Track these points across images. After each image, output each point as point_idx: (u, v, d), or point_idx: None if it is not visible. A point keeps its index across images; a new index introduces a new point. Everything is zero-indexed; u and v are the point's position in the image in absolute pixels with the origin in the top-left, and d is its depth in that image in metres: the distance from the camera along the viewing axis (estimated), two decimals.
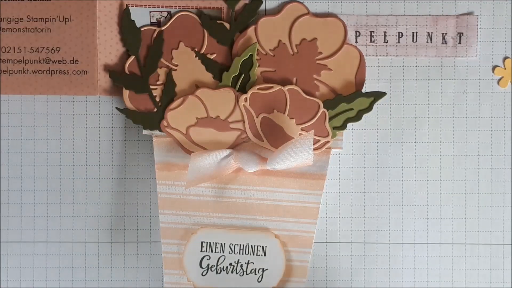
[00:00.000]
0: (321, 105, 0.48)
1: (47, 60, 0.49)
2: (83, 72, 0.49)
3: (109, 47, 0.50)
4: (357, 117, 0.49)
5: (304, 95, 0.48)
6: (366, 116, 0.49)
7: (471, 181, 0.51)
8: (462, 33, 0.50)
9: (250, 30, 0.49)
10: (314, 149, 0.48)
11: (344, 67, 0.49)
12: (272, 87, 0.48)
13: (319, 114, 0.48)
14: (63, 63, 0.49)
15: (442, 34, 0.50)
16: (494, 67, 0.50)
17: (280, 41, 0.49)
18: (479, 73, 0.50)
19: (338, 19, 0.49)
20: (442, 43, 0.50)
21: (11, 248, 0.51)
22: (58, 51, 0.49)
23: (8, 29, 0.49)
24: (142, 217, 0.51)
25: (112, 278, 0.51)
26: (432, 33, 0.50)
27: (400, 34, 0.50)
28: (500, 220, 0.51)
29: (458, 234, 0.51)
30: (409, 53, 0.50)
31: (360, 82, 0.49)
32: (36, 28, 0.49)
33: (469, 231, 0.51)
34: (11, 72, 0.49)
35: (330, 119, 0.49)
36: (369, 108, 0.49)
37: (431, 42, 0.50)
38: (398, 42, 0.50)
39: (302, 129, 0.48)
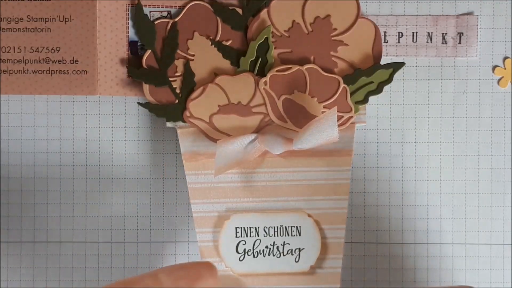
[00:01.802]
0: (341, 81, 0.48)
1: (47, 60, 0.49)
2: (83, 72, 0.49)
3: (109, 47, 0.50)
4: (378, 90, 0.49)
5: (323, 72, 0.48)
6: (366, 116, 0.50)
7: (471, 181, 0.51)
8: (462, 33, 0.50)
9: (263, 13, 0.49)
10: (338, 125, 0.48)
11: (360, 41, 0.49)
12: (290, 68, 0.48)
13: (340, 90, 0.48)
14: (63, 63, 0.49)
15: (442, 34, 0.50)
16: (494, 67, 0.50)
17: (294, 21, 0.49)
18: (479, 73, 0.50)
19: None
20: (442, 43, 0.50)
21: (11, 248, 0.51)
22: (58, 51, 0.49)
23: (8, 29, 0.49)
24: (142, 217, 0.51)
25: (112, 278, 0.51)
26: (432, 33, 0.50)
27: (400, 34, 0.50)
28: (500, 220, 0.51)
29: (458, 234, 0.51)
30: (409, 53, 0.50)
31: (377, 55, 0.49)
32: (36, 28, 0.49)
33: (469, 231, 0.51)
34: (11, 72, 0.49)
35: (351, 94, 0.49)
36: (389, 80, 0.49)
37: (431, 42, 0.50)
38: (398, 42, 0.50)
39: (324, 107, 0.48)
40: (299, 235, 0.49)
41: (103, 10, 0.49)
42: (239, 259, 0.49)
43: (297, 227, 0.49)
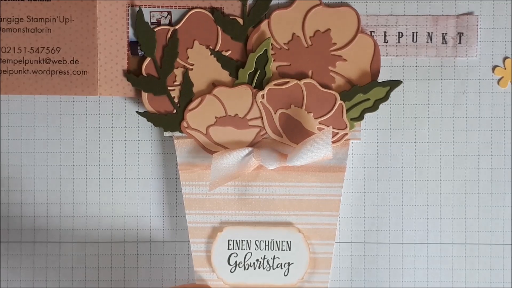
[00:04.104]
0: (338, 97, 0.48)
1: (47, 60, 0.49)
2: (83, 72, 0.49)
3: (109, 47, 0.50)
4: (374, 107, 0.49)
5: (321, 88, 0.48)
6: (366, 116, 0.50)
7: (471, 181, 0.51)
8: (462, 33, 0.50)
9: (264, 25, 0.49)
10: (333, 142, 0.48)
11: (359, 57, 0.49)
12: (288, 81, 0.48)
13: (336, 107, 0.48)
14: (63, 63, 0.49)
15: (442, 34, 0.50)
16: (494, 67, 0.50)
17: (294, 34, 0.49)
18: (479, 73, 0.50)
19: (351, 8, 0.49)
20: (442, 43, 0.50)
21: (11, 248, 0.51)
22: (58, 51, 0.49)
23: (8, 29, 0.49)
24: (142, 217, 0.51)
25: (112, 278, 0.51)
26: (432, 33, 0.50)
27: (400, 34, 0.50)
28: (500, 220, 0.51)
29: (458, 234, 0.51)
30: (409, 53, 0.50)
31: (375, 71, 0.49)
32: (36, 28, 0.49)
33: (469, 231, 0.51)
34: (11, 72, 0.49)
35: (347, 110, 0.49)
36: (385, 98, 0.49)
37: (431, 42, 0.50)
38: (398, 42, 0.50)
39: (320, 123, 0.49)
40: (289, 249, 0.49)
41: (103, 10, 0.49)
42: (231, 271, 0.50)
43: (287, 241, 0.49)
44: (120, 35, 0.50)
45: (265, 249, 0.49)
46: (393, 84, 0.49)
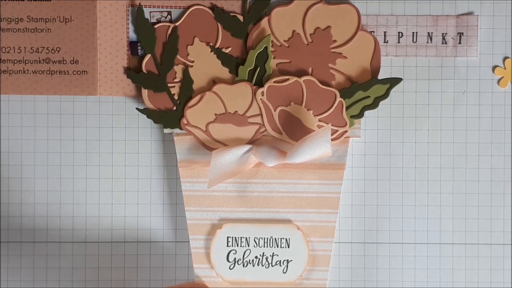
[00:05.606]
0: (338, 94, 0.48)
1: (47, 60, 0.49)
2: (83, 72, 0.50)
3: (109, 47, 0.50)
4: (373, 105, 0.49)
5: (320, 85, 0.48)
6: (366, 116, 0.50)
7: (471, 181, 0.51)
8: (462, 33, 0.50)
9: (264, 22, 0.49)
10: (332, 140, 0.48)
11: (359, 54, 0.49)
12: (288, 79, 0.48)
13: (336, 104, 0.48)
14: (63, 63, 0.49)
15: (442, 34, 0.50)
16: (494, 67, 0.50)
17: (294, 31, 0.49)
18: (479, 73, 0.50)
19: (351, 6, 0.49)
20: (442, 43, 0.50)
21: (11, 248, 0.51)
22: (58, 51, 0.49)
23: (8, 29, 0.49)
24: (142, 217, 0.51)
25: (112, 278, 0.51)
26: (432, 33, 0.50)
27: (400, 34, 0.50)
28: (500, 220, 0.51)
29: (458, 234, 0.51)
30: (409, 53, 0.50)
31: (375, 69, 0.49)
32: (36, 28, 0.49)
33: (469, 231, 0.51)
34: (11, 72, 0.49)
35: (347, 108, 0.49)
36: (385, 95, 0.49)
37: (431, 42, 0.50)
38: (398, 42, 0.50)
39: (319, 120, 0.49)
40: (288, 247, 0.49)
41: (103, 10, 0.49)
42: (229, 268, 0.50)
43: (286, 239, 0.49)
44: (120, 35, 0.50)
45: (264, 246, 0.49)
46: (393, 81, 0.49)
